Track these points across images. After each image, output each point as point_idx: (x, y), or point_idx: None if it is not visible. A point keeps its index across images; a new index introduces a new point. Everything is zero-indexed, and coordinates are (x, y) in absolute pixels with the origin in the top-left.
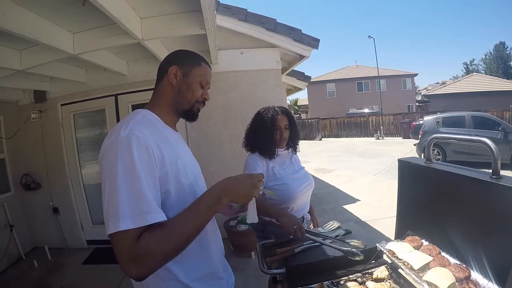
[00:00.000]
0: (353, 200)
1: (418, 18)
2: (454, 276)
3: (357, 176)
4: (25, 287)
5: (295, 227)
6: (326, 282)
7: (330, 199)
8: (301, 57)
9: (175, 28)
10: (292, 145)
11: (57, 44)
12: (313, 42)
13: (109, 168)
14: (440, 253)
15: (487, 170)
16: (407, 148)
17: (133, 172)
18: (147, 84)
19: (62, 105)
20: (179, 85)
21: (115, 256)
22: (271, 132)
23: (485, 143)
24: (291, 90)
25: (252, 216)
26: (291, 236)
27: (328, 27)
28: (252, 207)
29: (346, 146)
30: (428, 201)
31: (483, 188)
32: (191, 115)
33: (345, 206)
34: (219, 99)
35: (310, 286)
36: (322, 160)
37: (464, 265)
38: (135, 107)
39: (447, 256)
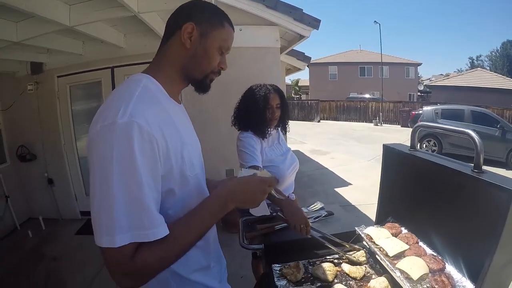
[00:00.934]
0: (345, 183)
1: (427, 6)
2: (428, 267)
3: (352, 160)
4: (19, 257)
5: (301, 226)
6: (303, 261)
7: (322, 181)
8: (301, 37)
9: (172, 2)
10: (282, 125)
11: (53, 15)
12: (314, 23)
13: (102, 165)
14: (417, 243)
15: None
16: (404, 136)
17: (134, 174)
18: (144, 57)
19: (58, 77)
20: (194, 48)
21: None
22: (263, 110)
23: (469, 135)
24: (291, 69)
25: (261, 209)
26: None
27: (333, 9)
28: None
29: (344, 130)
30: (410, 189)
31: (464, 181)
32: (202, 86)
33: (336, 189)
34: None
35: (287, 263)
36: (318, 142)
37: (439, 257)
38: None
39: (424, 246)
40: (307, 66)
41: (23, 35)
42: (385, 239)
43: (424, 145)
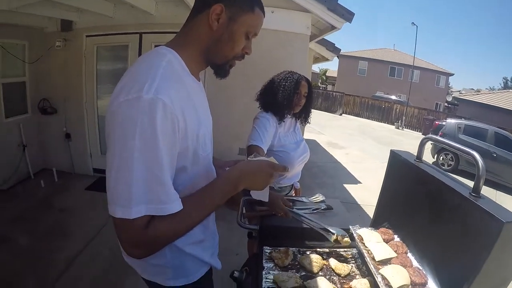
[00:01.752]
0: (355, 181)
1: (467, 17)
2: (411, 278)
3: (366, 159)
4: (29, 203)
5: (280, 214)
6: (293, 248)
7: (333, 174)
8: (333, 28)
9: None
10: (305, 115)
11: None
12: (347, 15)
13: (124, 139)
14: (406, 253)
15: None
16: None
17: (154, 152)
18: (173, 27)
19: (87, 36)
20: (220, 31)
21: None
22: (292, 93)
23: (474, 157)
24: (319, 58)
25: (262, 193)
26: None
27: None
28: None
29: (364, 127)
30: (409, 199)
31: (460, 203)
32: (221, 72)
33: (345, 185)
34: None
35: (278, 248)
36: (336, 135)
37: (423, 272)
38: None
39: (412, 258)
40: (337, 57)
41: None
42: (376, 243)
43: (441, 157)
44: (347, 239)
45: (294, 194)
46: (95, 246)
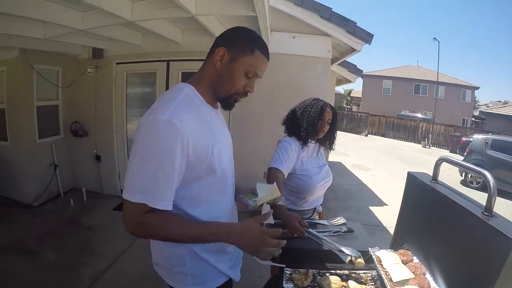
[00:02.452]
0: (381, 203)
1: (490, 27)
2: None
3: (393, 181)
4: (59, 220)
5: (295, 234)
6: (313, 270)
7: (358, 197)
8: (353, 50)
9: (228, 8)
10: (328, 142)
11: (116, 10)
12: (366, 37)
13: (143, 145)
14: (424, 274)
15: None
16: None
17: (161, 158)
18: (199, 54)
19: (117, 63)
20: (222, 70)
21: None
22: (317, 119)
23: (485, 176)
24: (341, 80)
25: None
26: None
27: (392, 21)
28: (266, 208)
29: (390, 148)
30: (426, 220)
31: (473, 222)
32: (226, 104)
33: (371, 207)
34: (265, 79)
35: (298, 269)
36: (362, 156)
37: None
38: (185, 74)
39: (430, 279)
40: (361, 77)
41: (88, 24)
42: (394, 264)
43: (470, 175)
44: (360, 260)
45: (317, 218)
46: (120, 264)
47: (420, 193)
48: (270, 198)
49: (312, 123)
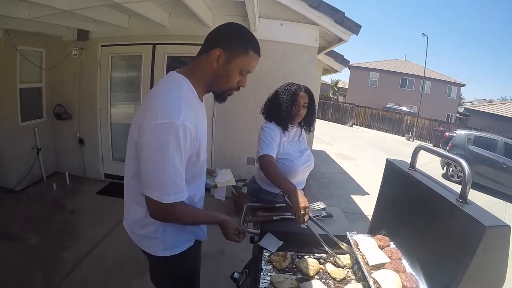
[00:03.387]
0: (363, 192)
1: (479, 26)
2: (402, 283)
3: (375, 171)
4: (41, 204)
5: (302, 212)
6: (292, 252)
7: (341, 185)
8: (340, 40)
9: None
10: (306, 124)
11: None
12: (354, 28)
13: (160, 147)
14: (400, 259)
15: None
16: (433, 156)
17: (179, 158)
18: (185, 39)
19: (102, 45)
20: (218, 69)
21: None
22: (290, 105)
23: (460, 163)
24: (328, 70)
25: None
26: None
27: (382, 13)
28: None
29: (375, 139)
30: (403, 206)
31: (448, 209)
32: (220, 98)
33: (353, 196)
34: None
35: (277, 252)
36: (346, 146)
37: (416, 277)
38: (171, 58)
39: (406, 264)
40: (348, 68)
41: (74, 5)
42: (370, 248)
43: (451, 169)
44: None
45: None
46: (103, 247)
47: (398, 180)
48: (227, 184)
49: (287, 109)
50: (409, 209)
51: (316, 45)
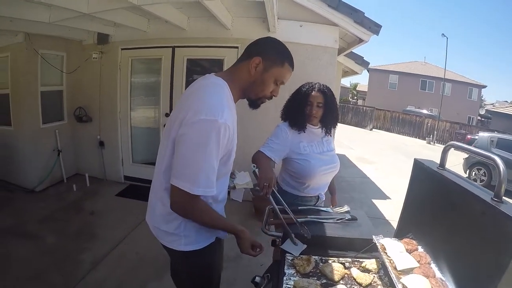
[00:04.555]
0: (384, 196)
1: (499, 26)
2: None
3: (396, 175)
4: (61, 205)
5: (264, 184)
6: (316, 256)
7: (361, 189)
8: (360, 41)
9: None
10: (325, 125)
11: None
12: (374, 28)
13: (201, 140)
14: (429, 263)
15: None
16: (455, 160)
17: (215, 153)
18: (204, 41)
19: (122, 49)
20: (255, 76)
21: (145, 194)
22: (303, 106)
23: (495, 161)
24: (348, 72)
25: (237, 195)
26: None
27: (401, 16)
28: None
29: (395, 143)
30: (432, 208)
31: (482, 208)
32: (254, 105)
33: (374, 201)
34: None
35: (300, 255)
36: (366, 150)
37: (447, 283)
38: (190, 61)
39: (435, 269)
40: (367, 71)
41: (94, 8)
42: (398, 253)
43: (473, 173)
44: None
45: (331, 206)
46: (121, 249)
47: (427, 180)
48: (245, 187)
49: (299, 110)
50: (438, 210)
51: (336, 46)
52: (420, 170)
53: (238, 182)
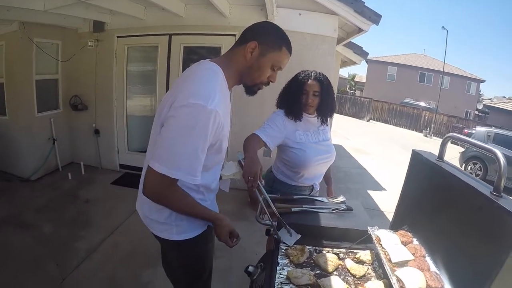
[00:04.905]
0: (379, 187)
1: (500, 21)
2: (427, 282)
3: (392, 166)
4: (56, 193)
5: (249, 178)
6: (310, 247)
7: (357, 180)
8: (360, 30)
9: None
10: (321, 114)
11: None
12: (374, 17)
13: (186, 124)
14: (424, 256)
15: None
16: (451, 154)
17: (203, 140)
18: (201, 29)
19: (118, 37)
20: (252, 61)
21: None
22: (298, 94)
23: (495, 154)
24: (346, 62)
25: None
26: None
27: (400, 7)
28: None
29: (392, 134)
30: (429, 200)
31: (482, 203)
32: (250, 91)
33: (369, 191)
34: None
35: (294, 245)
36: (363, 141)
37: (441, 277)
38: (187, 48)
39: (430, 262)
40: (365, 61)
41: None
42: (393, 245)
43: (469, 167)
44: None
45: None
46: (116, 237)
47: (425, 172)
48: (232, 177)
49: (295, 98)
50: (435, 203)
51: (335, 36)
52: (418, 161)
53: (225, 173)
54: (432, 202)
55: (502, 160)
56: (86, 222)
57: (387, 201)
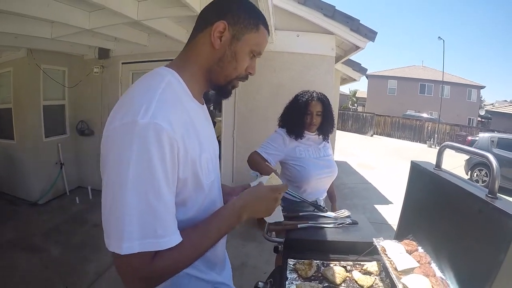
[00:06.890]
0: (386, 201)
1: (496, 25)
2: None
3: (398, 180)
4: (64, 217)
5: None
6: (317, 260)
7: (364, 195)
8: (357, 48)
9: None
10: (323, 132)
11: (122, 9)
12: (370, 34)
13: (118, 167)
14: (429, 263)
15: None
16: (456, 162)
17: (150, 180)
18: None
19: (123, 63)
20: (223, 50)
21: None
22: (302, 115)
23: (488, 158)
24: (346, 79)
25: (275, 215)
26: None
27: (397, 21)
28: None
29: (396, 148)
30: (431, 208)
31: (478, 206)
32: (223, 92)
33: (376, 206)
34: (270, 77)
35: (302, 260)
36: (368, 156)
37: (447, 281)
38: None
39: (435, 268)
40: (366, 77)
41: (94, 24)
42: (398, 253)
43: (475, 174)
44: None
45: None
46: None
47: (424, 181)
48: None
49: (299, 119)
50: (436, 210)
51: (333, 54)
52: (417, 171)
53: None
54: (433, 209)
55: (494, 163)
56: (95, 246)
57: (394, 213)
